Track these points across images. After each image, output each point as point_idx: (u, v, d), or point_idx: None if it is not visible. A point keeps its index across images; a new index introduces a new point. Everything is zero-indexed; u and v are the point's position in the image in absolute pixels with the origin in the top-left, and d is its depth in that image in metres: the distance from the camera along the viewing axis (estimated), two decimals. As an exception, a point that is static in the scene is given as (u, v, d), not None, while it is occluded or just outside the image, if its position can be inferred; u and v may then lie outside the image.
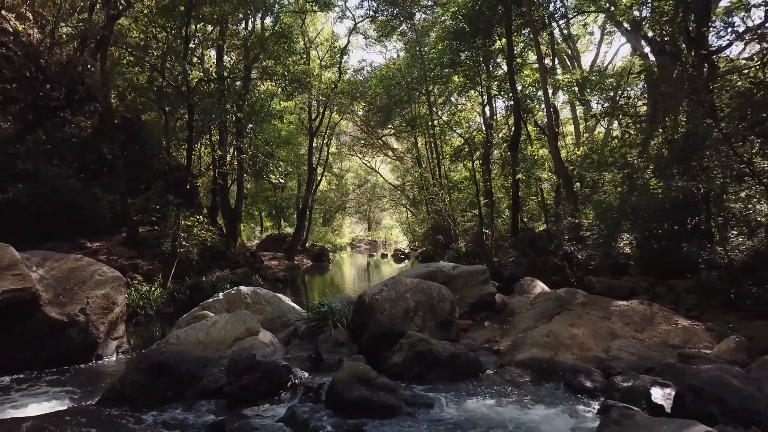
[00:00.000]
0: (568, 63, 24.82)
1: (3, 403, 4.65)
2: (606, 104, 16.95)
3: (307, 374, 4.59)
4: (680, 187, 8.62)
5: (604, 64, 26.04)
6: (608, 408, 3.20)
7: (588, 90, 19.71)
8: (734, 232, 9.84)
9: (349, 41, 24.58)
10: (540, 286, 8.28)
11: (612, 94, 17.19)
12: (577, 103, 22.04)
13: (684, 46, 11.93)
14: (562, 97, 21.43)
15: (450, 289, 6.23)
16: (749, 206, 9.15)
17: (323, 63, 24.44)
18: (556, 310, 6.43)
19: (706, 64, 10.35)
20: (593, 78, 18.54)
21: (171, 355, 4.41)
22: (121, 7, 10.89)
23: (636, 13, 14.46)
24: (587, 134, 22.84)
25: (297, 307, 7.51)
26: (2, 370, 5.59)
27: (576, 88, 20.62)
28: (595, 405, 3.84)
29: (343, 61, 23.56)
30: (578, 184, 16.33)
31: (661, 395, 3.49)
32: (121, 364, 6.35)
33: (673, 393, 3.42)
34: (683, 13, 11.76)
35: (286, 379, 4.35)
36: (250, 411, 3.88)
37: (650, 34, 14.26)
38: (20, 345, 5.84)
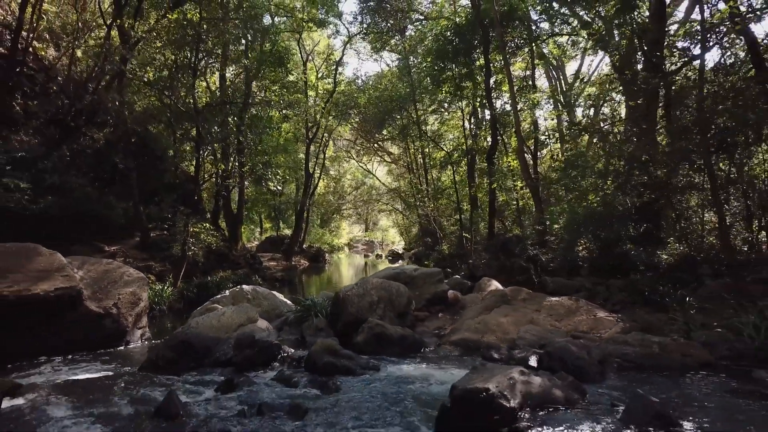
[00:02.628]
0: (554, 73, 26.24)
1: (62, 372, 6.15)
2: (589, 111, 18.47)
3: (293, 350, 6.13)
4: (610, 201, 10.12)
5: (590, 72, 27.17)
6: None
7: (571, 100, 21.20)
8: (671, 239, 11.43)
9: (344, 53, 26.19)
10: (494, 285, 9.78)
11: (592, 103, 18.62)
12: (564, 114, 23.41)
13: (640, 68, 13.40)
14: (541, 110, 22.85)
15: (411, 287, 7.78)
16: (687, 215, 10.71)
17: (320, 74, 26.05)
18: (498, 304, 7.93)
19: (662, 84, 11.71)
20: (568, 93, 20.04)
21: (192, 335, 5.95)
22: (133, 41, 12.38)
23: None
24: (570, 143, 24.20)
25: (288, 301, 9.09)
26: (54, 351, 7.07)
27: (561, 97, 22.10)
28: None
29: (338, 72, 25.19)
30: (563, 191, 17.71)
31: (534, 360, 5.02)
32: (145, 348, 7.82)
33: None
34: (638, 40, 13.28)
35: (277, 353, 5.89)
36: (250, 374, 5.41)
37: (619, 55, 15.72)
38: (67, 331, 7.35)
